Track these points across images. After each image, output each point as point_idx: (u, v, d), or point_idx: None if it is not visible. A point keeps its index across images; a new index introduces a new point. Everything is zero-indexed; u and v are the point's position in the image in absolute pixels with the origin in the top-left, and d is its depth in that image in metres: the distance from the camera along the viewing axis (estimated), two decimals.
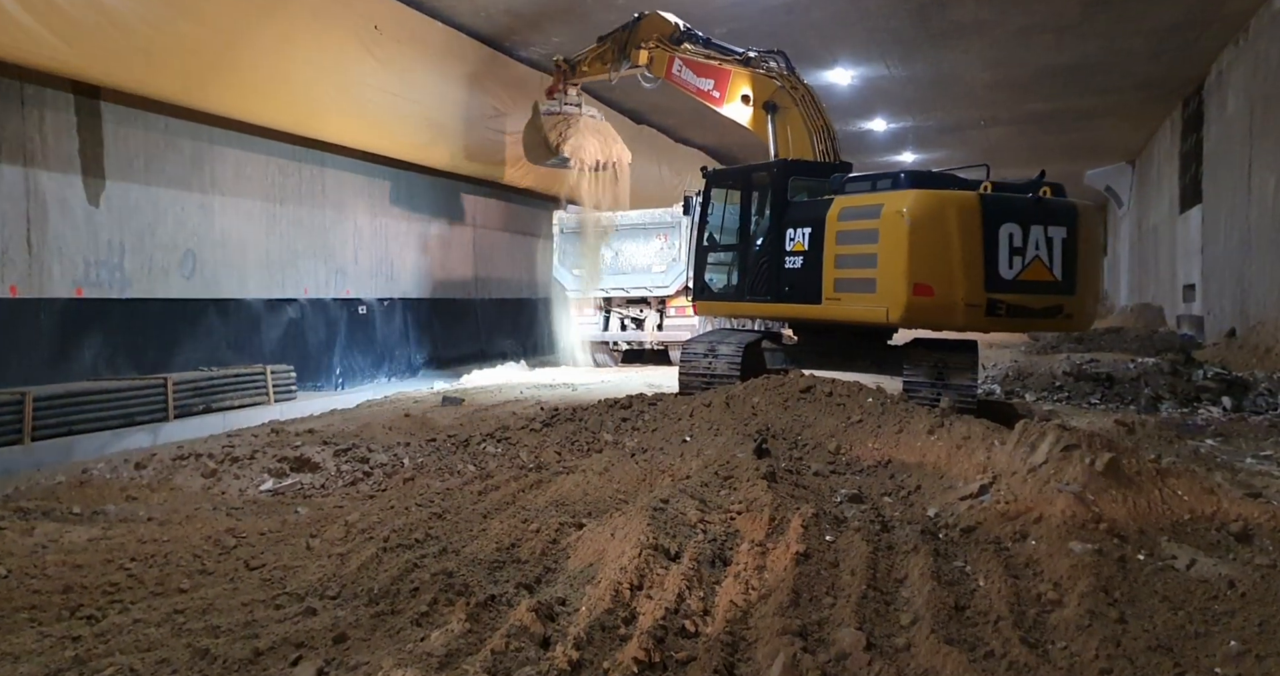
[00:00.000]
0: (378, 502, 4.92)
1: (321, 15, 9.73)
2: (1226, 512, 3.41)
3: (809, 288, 7.69)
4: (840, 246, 7.44)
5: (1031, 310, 7.13)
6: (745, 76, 9.41)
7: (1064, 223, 7.20)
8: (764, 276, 8.24)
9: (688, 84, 9.93)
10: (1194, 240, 16.72)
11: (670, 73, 10.10)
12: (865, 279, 7.24)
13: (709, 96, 9.62)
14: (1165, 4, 12.12)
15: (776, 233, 8.11)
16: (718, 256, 9.10)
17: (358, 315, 12.41)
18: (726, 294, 8.89)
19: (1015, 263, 7.05)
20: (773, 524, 4.04)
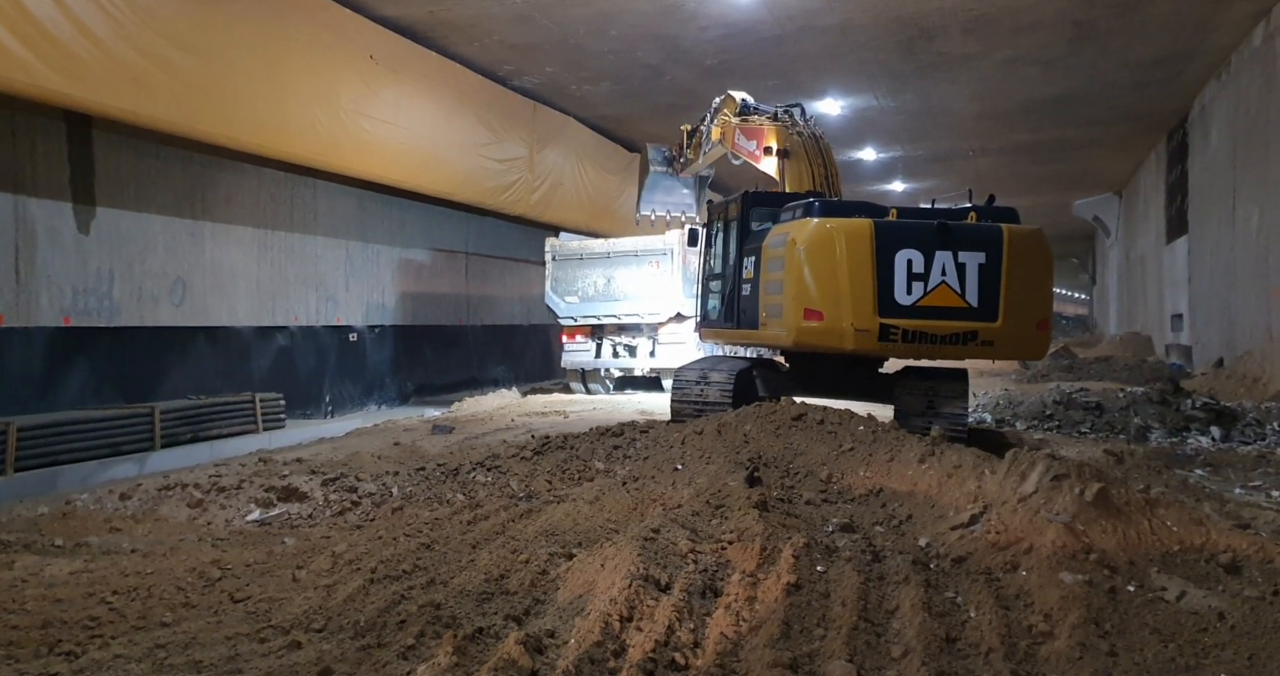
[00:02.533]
0: (365, 533, 4.87)
1: (316, 44, 9.84)
2: (1215, 544, 3.41)
3: (753, 314, 8.01)
4: (768, 273, 7.77)
5: (935, 336, 7.18)
6: (773, 131, 10.00)
7: (982, 248, 7.22)
8: (730, 304, 8.63)
9: (742, 148, 10.63)
10: (1181, 270, 16.90)
11: (734, 142, 10.78)
12: (778, 304, 7.60)
13: (754, 155, 10.19)
14: (1148, 39, 12.38)
15: (739, 262, 8.52)
16: (715, 285, 9.43)
17: (348, 342, 12.39)
18: (715, 321, 9.23)
19: (915, 288, 7.16)
20: (764, 554, 4.01)
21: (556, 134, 15.52)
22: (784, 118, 10.11)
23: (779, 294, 7.50)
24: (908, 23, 11.73)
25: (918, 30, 12.01)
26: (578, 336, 14.50)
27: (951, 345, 7.26)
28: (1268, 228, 11.52)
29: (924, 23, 11.72)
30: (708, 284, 9.55)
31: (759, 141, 10.09)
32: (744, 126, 10.51)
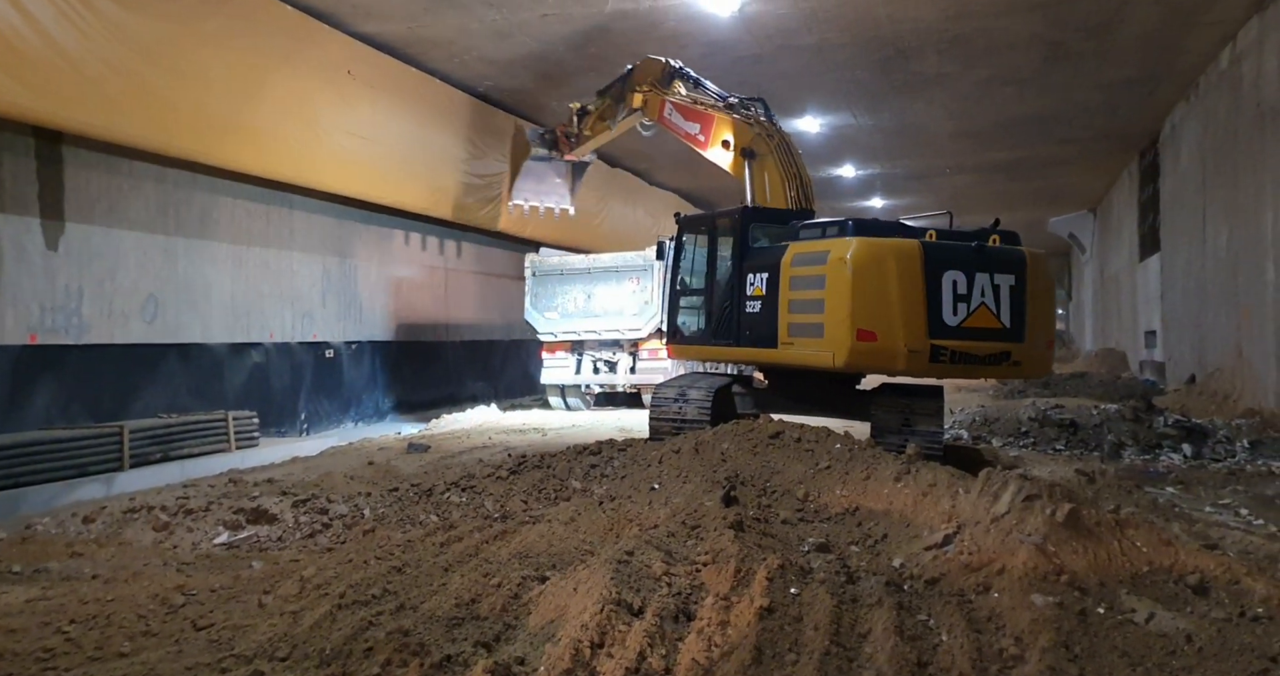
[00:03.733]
0: (335, 556, 4.79)
1: (293, 59, 9.80)
2: (1184, 564, 3.43)
3: (767, 332, 7.80)
4: (793, 292, 7.57)
5: (977, 357, 7.22)
6: (727, 122, 9.53)
7: (1012, 271, 7.35)
8: (727, 321, 8.36)
9: (677, 127, 10.07)
10: (1154, 287, 17.14)
11: (662, 116, 10.26)
12: (814, 324, 7.35)
13: (695, 140, 9.76)
14: (1120, 60, 12.61)
15: (738, 278, 8.25)
16: (689, 300, 9.18)
17: (324, 359, 12.27)
18: (697, 338, 8.98)
19: (960, 309, 7.17)
20: (738, 576, 3.98)
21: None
22: (746, 112, 9.51)
23: (815, 313, 7.30)
24: (884, 43, 11.88)
25: (894, 50, 12.16)
26: (557, 352, 14.46)
27: (989, 365, 7.37)
28: (1236, 247, 11.72)
29: (900, 43, 11.88)
30: (677, 299, 9.26)
31: (707, 129, 9.56)
32: (683, 105, 9.98)
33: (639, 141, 15.03)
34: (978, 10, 10.69)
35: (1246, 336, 11.24)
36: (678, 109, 10.04)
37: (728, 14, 10.72)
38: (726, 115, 9.53)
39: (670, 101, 10.15)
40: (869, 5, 10.53)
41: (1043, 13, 10.77)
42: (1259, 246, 10.75)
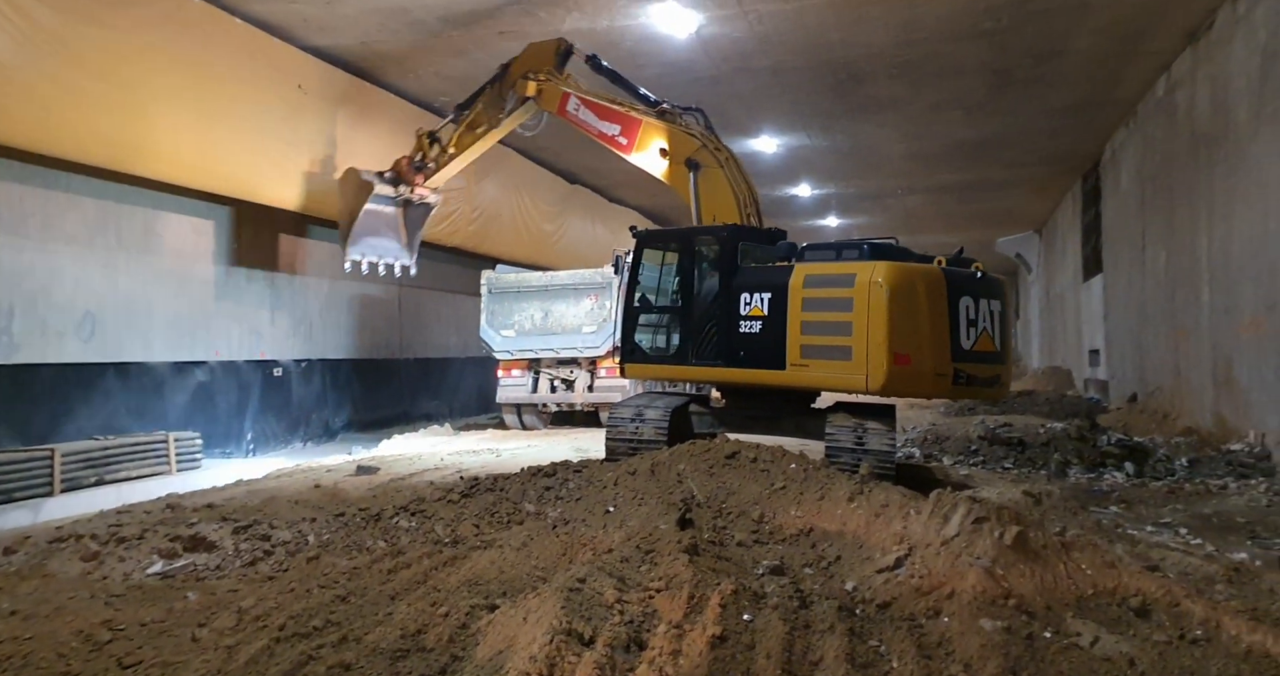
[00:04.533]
0: (276, 585, 4.63)
1: (240, 73, 9.62)
2: (1127, 587, 3.48)
3: (769, 353, 7.63)
4: (807, 313, 7.45)
5: (981, 379, 7.44)
6: (661, 129, 9.09)
7: (999, 296, 7.66)
8: (713, 341, 8.09)
9: (587, 125, 9.37)
10: (1097, 307, 17.64)
11: (564, 109, 9.46)
12: (839, 346, 7.25)
13: (614, 142, 9.22)
14: (1063, 87, 13.02)
15: (727, 297, 8.00)
16: (651, 318, 8.89)
17: (273, 377, 11.98)
18: (663, 357, 8.64)
19: (970, 334, 7.34)
20: (691, 602, 3.94)
21: (495, 165, 15.46)
22: (679, 120, 9.12)
23: (840, 335, 7.23)
24: (837, 67, 12.10)
25: (847, 74, 12.40)
26: (514, 370, 14.31)
27: (988, 387, 7.56)
28: (1173, 269, 12.12)
29: (853, 67, 12.11)
30: (636, 317, 8.89)
31: (630, 131, 9.03)
32: (595, 102, 9.30)
33: (598, 159, 15.05)
34: (927, 37, 10.96)
35: (1184, 357, 11.61)
36: (588, 105, 9.32)
37: (685, 35, 10.83)
38: (660, 122, 9.11)
39: (578, 96, 9.42)
40: (822, 29, 10.73)
41: (990, 40, 11.09)
42: (1194, 269, 11.13)
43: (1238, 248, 9.59)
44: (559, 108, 9.54)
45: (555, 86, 9.69)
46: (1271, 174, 8.61)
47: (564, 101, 9.48)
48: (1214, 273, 10.45)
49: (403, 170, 11.01)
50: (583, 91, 9.52)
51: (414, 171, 10.99)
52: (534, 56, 9.88)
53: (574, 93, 9.51)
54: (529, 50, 9.95)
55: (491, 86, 10.32)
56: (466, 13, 10.13)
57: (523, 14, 10.07)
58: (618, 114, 9.27)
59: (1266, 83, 8.72)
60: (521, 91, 9.89)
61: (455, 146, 10.87)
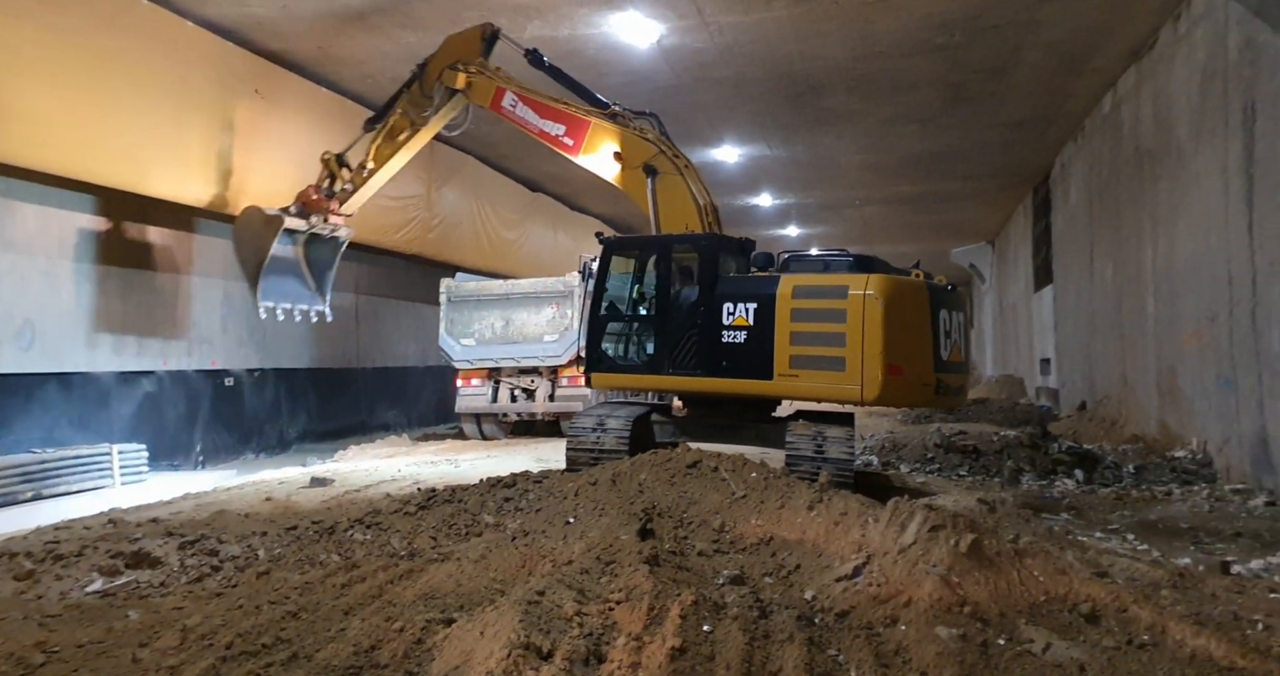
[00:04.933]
0: (224, 602, 4.49)
1: (194, 78, 9.42)
2: (1077, 593, 3.55)
3: (755, 363, 7.63)
4: (797, 324, 7.48)
5: (952, 389, 7.69)
6: (613, 132, 8.83)
7: (961, 308, 7.92)
8: (692, 350, 8.01)
9: (526, 123, 8.95)
10: (1048, 317, 18.07)
11: (499, 105, 8.99)
12: (831, 357, 7.31)
13: (558, 142, 8.88)
14: (1014, 102, 13.36)
15: (709, 306, 7.94)
16: (620, 327, 8.70)
17: (224, 387, 11.69)
18: (634, 366, 8.48)
19: (947, 345, 7.53)
20: (651, 614, 3.92)
21: (455, 172, 15.35)
22: (632, 124, 8.88)
23: (833, 346, 7.31)
24: (797, 79, 12.26)
25: (806, 86, 12.56)
26: (473, 380, 14.16)
27: (956, 396, 7.84)
28: (1120, 281, 12.48)
29: (811, 80, 12.28)
30: (603, 325, 8.63)
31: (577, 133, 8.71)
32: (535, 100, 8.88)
33: (561, 167, 14.99)
34: (884, 51, 11.16)
35: (1130, 366, 11.93)
36: (528, 102, 8.88)
37: (646, 45, 10.88)
38: (611, 125, 8.84)
39: (516, 91, 8.96)
40: (782, 42, 10.86)
41: (944, 56, 11.32)
42: (1140, 280, 11.46)
43: (1180, 260, 9.90)
44: (493, 102, 9.03)
45: (489, 80, 9.13)
46: (1211, 189, 8.91)
47: (499, 96, 9.01)
48: (1158, 284, 10.77)
49: (310, 201, 10.02)
50: (522, 87, 9.09)
51: (325, 199, 10.08)
52: (456, 48, 9.34)
53: (511, 88, 9.03)
54: (449, 43, 9.40)
55: (410, 88, 9.70)
56: (423, 18, 10.06)
57: (484, 21, 10.01)
58: (562, 113, 8.92)
59: (1206, 100, 9.04)
60: (450, 83, 9.26)
61: (374, 160, 10.03)
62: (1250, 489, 7.84)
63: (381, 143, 10.00)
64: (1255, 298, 7.90)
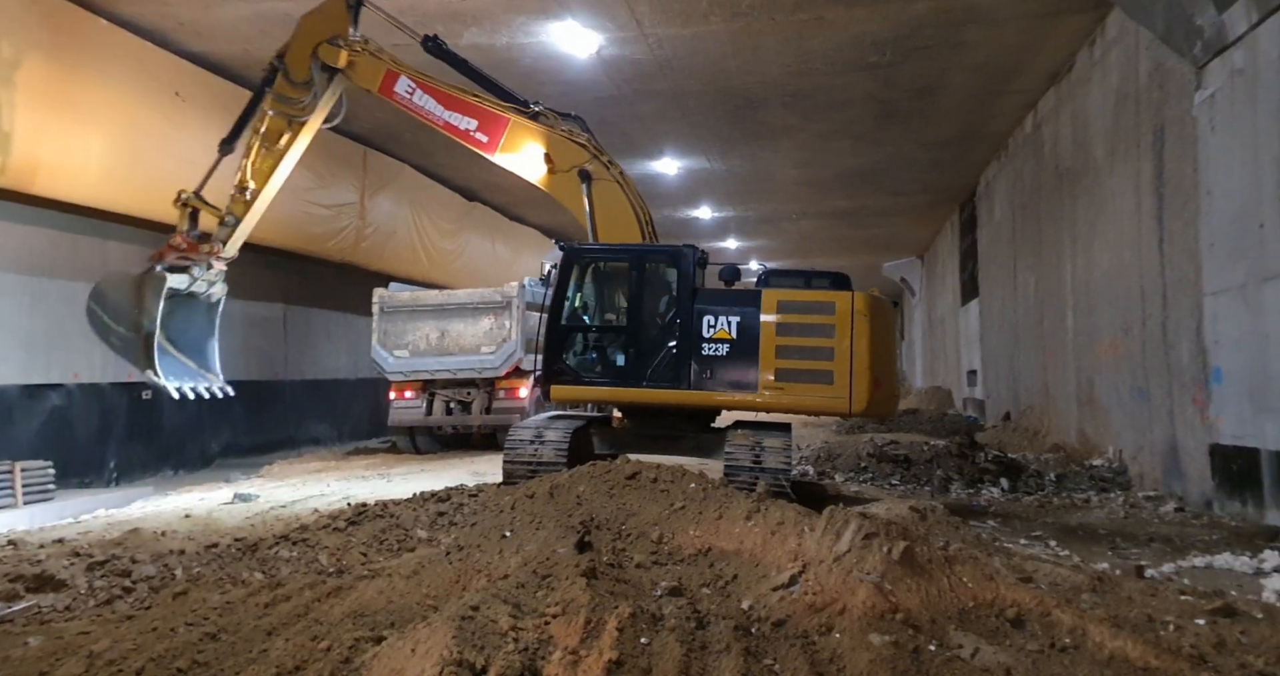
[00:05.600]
0: (136, 625, 4.26)
1: (111, 79, 9.03)
2: (1004, 598, 3.64)
3: (738, 376, 7.73)
4: (783, 338, 7.63)
5: (896, 398, 8.09)
6: (537, 133, 8.42)
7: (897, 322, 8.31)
8: (669, 363, 7.94)
9: (427, 113, 8.21)
10: (974, 330, 18.67)
11: (391, 90, 8.19)
12: (820, 370, 7.52)
13: (470, 138, 8.29)
14: (941, 121, 13.81)
15: (688, 318, 7.90)
16: (585, 338, 8.46)
17: (141, 401, 11.18)
18: (602, 379, 8.19)
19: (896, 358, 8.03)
20: (588, 627, 3.87)
21: (389, 180, 15.07)
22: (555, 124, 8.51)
23: (822, 360, 7.52)
24: (735, 94, 12.44)
25: (744, 100, 12.76)
26: (407, 392, 13.86)
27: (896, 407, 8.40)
28: (1042, 294, 12.97)
29: (749, 94, 12.48)
30: (564, 335, 8.31)
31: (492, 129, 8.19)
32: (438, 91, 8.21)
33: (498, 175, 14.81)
34: (818, 69, 11.42)
35: (1052, 377, 12.40)
36: (430, 91, 8.18)
37: (585, 55, 10.89)
38: (535, 125, 8.43)
39: (413, 77, 8.24)
40: (720, 57, 11.01)
41: (875, 74, 11.65)
42: (1060, 295, 11.94)
43: (1097, 275, 10.35)
44: (383, 86, 8.19)
45: (377, 61, 8.28)
46: (1125, 206, 9.35)
47: (390, 80, 8.17)
48: (1077, 298, 11.23)
49: (185, 249, 8.45)
50: (421, 73, 8.39)
51: (199, 242, 8.46)
52: (316, 25, 8.31)
53: (406, 72, 8.25)
54: (307, 21, 8.37)
55: (273, 86, 8.48)
56: (360, 25, 9.85)
57: (418, 27, 9.81)
58: (473, 107, 8.31)
59: (1119, 122, 9.49)
60: (330, 60, 8.17)
61: (256, 179, 8.55)
62: (1161, 496, 8.20)
63: (258, 157, 8.57)
64: (1166, 311, 8.30)
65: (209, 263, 8.54)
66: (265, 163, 8.60)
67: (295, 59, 8.34)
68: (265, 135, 8.54)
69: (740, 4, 9.38)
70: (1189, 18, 7.12)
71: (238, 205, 8.65)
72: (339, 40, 8.31)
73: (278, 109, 8.47)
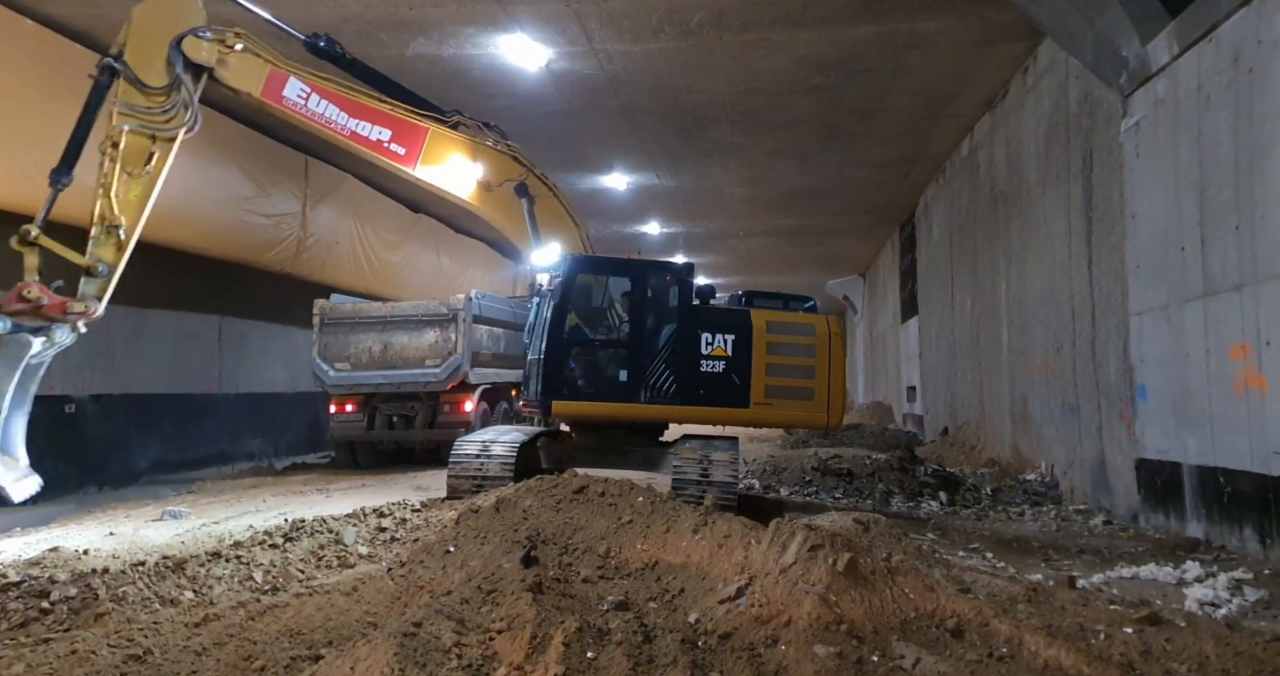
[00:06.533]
0: (54, 648, 4.05)
1: (27, 79, 8.65)
2: (944, 609, 3.71)
3: (734, 393, 8.08)
4: (771, 356, 8.12)
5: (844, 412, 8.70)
6: (463, 145, 7.88)
7: None
8: (670, 379, 8.10)
9: (328, 123, 7.16)
10: (914, 347, 19.13)
11: (277, 95, 7.02)
12: (803, 388, 8.15)
13: (384, 150, 7.42)
14: (882, 142, 14.19)
15: (687, 335, 8.12)
16: (586, 352, 8.34)
17: (62, 415, 10.69)
18: (602, 395, 8.12)
19: None
20: (534, 642, 3.81)
21: (332, 190, 14.78)
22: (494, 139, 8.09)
23: (804, 378, 8.18)
24: (684, 111, 12.58)
25: (692, 118, 12.91)
26: (348, 406, 13.55)
27: None
28: (978, 313, 13.37)
29: (697, 112, 12.63)
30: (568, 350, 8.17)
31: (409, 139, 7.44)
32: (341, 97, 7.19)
33: None
34: (764, 88, 11.63)
35: (988, 394, 12.76)
36: (329, 96, 7.14)
37: (535, 68, 10.89)
38: (461, 136, 7.86)
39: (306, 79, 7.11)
40: (669, 74, 11.13)
41: (819, 95, 11.91)
42: (995, 313, 12.33)
43: (1031, 294, 10.72)
44: (266, 90, 6.97)
45: (257, 58, 7.00)
46: (1056, 228, 9.72)
47: (276, 82, 6.97)
48: (1011, 316, 11.61)
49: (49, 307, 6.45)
50: (315, 73, 7.24)
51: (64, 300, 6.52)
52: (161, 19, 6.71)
53: (297, 73, 7.10)
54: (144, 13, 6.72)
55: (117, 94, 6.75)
56: (301, 31, 9.66)
57: (363, 36, 9.76)
58: (385, 115, 7.42)
59: (1051, 147, 9.89)
60: (195, 56, 6.68)
61: (126, 214, 6.72)
62: (1091, 509, 8.49)
63: (122, 187, 6.73)
64: (1095, 330, 8.64)
65: (76, 325, 6.62)
66: (132, 192, 6.76)
67: (143, 59, 6.69)
68: (124, 157, 6.67)
69: (689, 22, 9.51)
70: (1115, 49, 7.48)
71: (106, 249, 6.75)
72: (202, 32, 6.82)
73: (134, 122, 6.72)
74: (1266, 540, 5.83)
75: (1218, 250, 6.34)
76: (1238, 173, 6.07)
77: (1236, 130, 6.08)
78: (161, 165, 6.82)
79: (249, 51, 7.03)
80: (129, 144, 6.71)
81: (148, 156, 6.76)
